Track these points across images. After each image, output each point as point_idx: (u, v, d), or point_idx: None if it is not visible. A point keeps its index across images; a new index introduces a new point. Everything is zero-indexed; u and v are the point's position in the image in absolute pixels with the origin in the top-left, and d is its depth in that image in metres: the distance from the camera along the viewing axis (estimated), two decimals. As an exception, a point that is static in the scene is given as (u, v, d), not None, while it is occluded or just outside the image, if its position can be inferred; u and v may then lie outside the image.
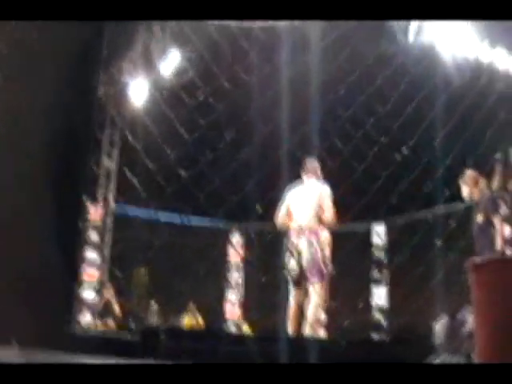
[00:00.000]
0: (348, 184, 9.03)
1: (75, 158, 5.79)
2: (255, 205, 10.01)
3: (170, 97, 11.14)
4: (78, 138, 5.78)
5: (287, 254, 7.15)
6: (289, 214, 7.28)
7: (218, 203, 9.31)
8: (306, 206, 7.13)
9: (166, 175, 9.45)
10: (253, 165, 9.57)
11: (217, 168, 9.41)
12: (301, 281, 7.05)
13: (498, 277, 3.87)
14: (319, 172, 7.49)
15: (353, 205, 9.51)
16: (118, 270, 12.85)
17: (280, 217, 7.31)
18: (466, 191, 7.32)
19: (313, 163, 7.54)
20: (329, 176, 7.70)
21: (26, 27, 5.00)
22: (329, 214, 7.03)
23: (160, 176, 9.40)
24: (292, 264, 7.06)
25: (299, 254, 7.02)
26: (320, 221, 7.07)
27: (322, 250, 7.03)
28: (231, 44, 9.63)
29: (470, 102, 9.23)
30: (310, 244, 6.98)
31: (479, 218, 7.02)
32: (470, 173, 7.38)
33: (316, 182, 7.36)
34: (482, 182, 7.23)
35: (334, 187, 7.46)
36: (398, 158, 9.59)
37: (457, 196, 8.28)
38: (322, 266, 6.97)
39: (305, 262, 6.96)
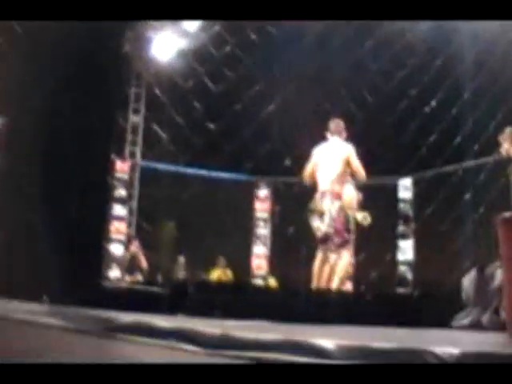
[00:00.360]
0: (376, 137, 8.97)
1: (102, 114, 5.81)
2: (282, 158, 9.97)
3: (196, 51, 11.09)
4: (104, 94, 5.79)
5: (311, 213, 7.16)
6: (314, 171, 7.29)
7: (245, 156, 9.32)
8: (332, 163, 7.16)
9: (193, 128, 9.44)
10: (279, 119, 9.53)
11: (244, 121, 9.39)
12: (325, 239, 7.08)
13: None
14: (344, 132, 7.46)
15: (381, 158, 9.46)
16: (145, 224, 12.97)
17: (306, 174, 7.36)
18: (504, 148, 7.32)
19: (338, 123, 7.51)
20: (357, 129, 7.67)
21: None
22: (359, 174, 7.07)
23: (187, 129, 9.40)
24: (316, 223, 7.08)
25: (322, 214, 7.03)
26: (348, 175, 7.10)
27: (344, 214, 7.05)
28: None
29: (500, 55, 9.07)
30: (333, 205, 7.00)
31: None
32: (509, 130, 7.34)
33: (340, 141, 7.35)
34: None
35: (362, 140, 7.44)
36: (426, 110, 9.47)
37: (486, 151, 8.19)
38: (344, 230, 7.01)
39: (328, 224, 6.98)
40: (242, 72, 9.37)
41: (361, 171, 7.07)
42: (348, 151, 7.18)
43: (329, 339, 2.84)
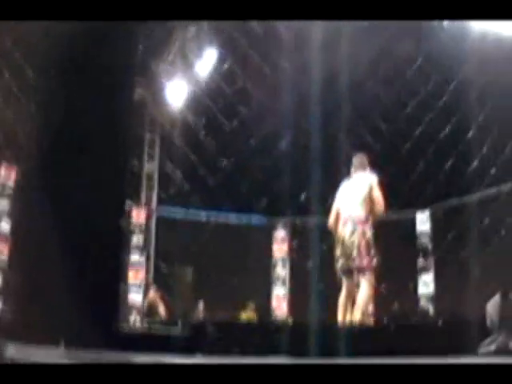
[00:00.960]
0: (391, 169, 8.92)
1: (117, 162, 5.82)
2: (297, 195, 9.92)
3: (207, 89, 11.22)
4: (118, 141, 5.80)
5: (335, 244, 7.04)
6: (338, 214, 7.10)
7: (259, 194, 9.30)
8: (354, 198, 6.97)
9: (207, 167, 9.46)
10: (292, 154, 9.53)
11: (258, 159, 9.39)
12: (350, 270, 6.94)
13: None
14: (367, 166, 7.26)
15: (397, 193, 9.41)
16: (163, 269, 12.94)
17: (331, 221, 7.14)
18: None
19: (361, 158, 7.32)
20: (373, 161, 7.62)
21: (66, 37, 5.04)
22: (379, 204, 6.86)
23: (202, 168, 9.42)
24: (339, 253, 6.95)
25: (344, 242, 6.90)
26: (370, 212, 6.91)
27: (367, 239, 6.91)
28: (266, 32, 9.62)
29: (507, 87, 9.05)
30: (355, 232, 6.84)
31: None
32: None
33: (364, 174, 7.16)
34: None
35: (379, 173, 7.38)
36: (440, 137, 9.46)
37: (501, 178, 8.11)
38: (368, 255, 6.85)
39: (352, 251, 6.85)
40: (254, 107, 9.43)
41: (380, 202, 6.87)
42: (371, 180, 7.00)
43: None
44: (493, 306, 5.17)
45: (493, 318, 5.10)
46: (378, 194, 6.87)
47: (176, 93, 13.35)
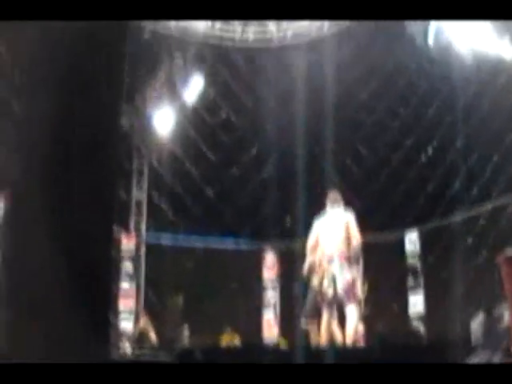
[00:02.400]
0: (375, 193, 9.04)
1: (105, 190, 5.85)
2: (284, 220, 10.01)
3: (193, 119, 11.32)
4: (105, 170, 5.84)
5: (319, 277, 7.27)
6: (316, 243, 7.51)
7: (245, 220, 9.38)
8: (335, 230, 7.44)
9: (193, 196, 9.55)
10: (275, 181, 9.63)
11: (241, 185, 9.49)
12: (334, 301, 7.21)
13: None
14: (341, 202, 7.74)
15: (382, 214, 9.51)
16: (152, 297, 12.94)
17: (310, 245, 7.54)
18: None
19: (336, 194, 7.80)
20: (354, 185, 7.80)
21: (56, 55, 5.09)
22: (357, 241, 7.35)
23: (187, 197, 9.52)
24: (325, 287, 7.17)
25: (333, 278, 7.14)
26: (348, 247, 7.34)
27: (353, 276, 7.19)
28: (248, 63, 9.75)
29: (490, 102, 9.19)
30: (342, 268, 7.20)
31: None
32: None
33: (340, 210, 7.66)
34: None
35: (361, 196, 7.57)
36: (422, 160, 9.58)
37: (484, 196, 8.20)
38: (354, 291, 7.11)
39: (339, 286, 7.08)
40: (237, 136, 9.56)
41: (358, 239, 7.38)
42: (348, 218, 7.50)
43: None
44: (477, 323, 5.24)
45: (477, 335, 5.17)
46: (355, 232, 7.38)
47: (162, 122, 13.45)
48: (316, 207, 7.76)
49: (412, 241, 13.13)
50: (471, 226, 10.12)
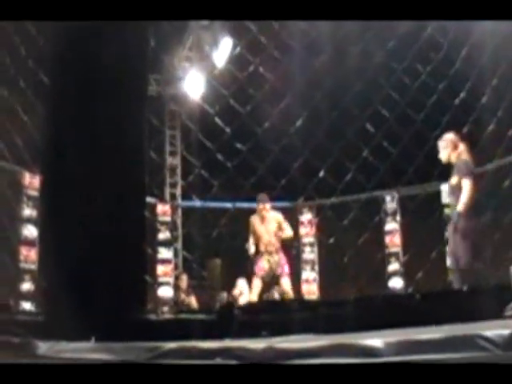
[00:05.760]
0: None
1: (139, 158, 5.85)
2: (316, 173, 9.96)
3: (221, 76, 11.32)
4: (138, 139, 5.84)
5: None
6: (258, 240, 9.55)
7: (277, 177, 9.39)
8: (270, 230, 9.50)
9: (225, 152, 9.61)
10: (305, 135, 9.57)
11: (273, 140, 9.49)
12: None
13: None
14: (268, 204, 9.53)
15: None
16: (191, 262, 13.01)
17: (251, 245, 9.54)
18: (444, 154, 7.51)
19: (264, 196, 9.48)
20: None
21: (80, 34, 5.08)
22: (286, 228, 9.63)
23: (220, 154, 9.60)
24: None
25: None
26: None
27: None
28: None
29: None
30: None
31: (453, 180, 7.33)
32: (448, 136, 7.56)
33: (271, 211, 9.61)
34: (461, 147, 7.44)
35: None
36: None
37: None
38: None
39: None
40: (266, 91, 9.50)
41: (290, 232, 9.75)
42: (279, 218, 9.59)
43: (376, 339, 2.78)
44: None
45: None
46: (286, 227, 9.64)
47: (192, 85, 13.43)
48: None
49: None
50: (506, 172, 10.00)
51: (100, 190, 5.29)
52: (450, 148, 7.45)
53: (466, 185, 7.15)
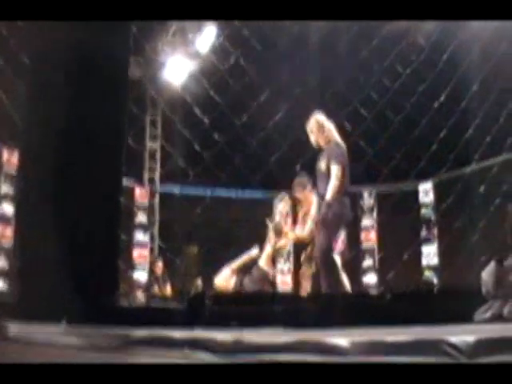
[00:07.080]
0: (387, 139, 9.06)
1: (117, 142, 5.85)
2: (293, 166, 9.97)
3: (202, 66, 11.26)
4: (117, 123, 5.83)
5: None
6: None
7: (255, 168, 9.37)
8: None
9: (203, 143, 9.56)
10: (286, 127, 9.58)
11: (251, 132, 9.47)
12: None
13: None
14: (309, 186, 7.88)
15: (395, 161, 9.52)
16: (166, 248, 13.01)
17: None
18: (312, 138, 6.94)
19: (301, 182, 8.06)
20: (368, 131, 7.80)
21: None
22: None
23: (197, 143, 9.54)
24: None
25: None
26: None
27: None
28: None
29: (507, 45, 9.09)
30: None
31: (321, 166, 6.71)
32: (315, 119, 6.96)
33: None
34: (329, 130, 6.88)
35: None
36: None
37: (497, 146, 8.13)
38: None
39: None
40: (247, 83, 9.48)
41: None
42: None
43: (343, 338, 2.82)
44: (487, 273, 5.21)
45: (488, 285, 5.15)
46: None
47: (175, 71, 13.35)
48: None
49: (426, 191, 13.12)
50: (485, 175, 10.07)
51: (76, 172, 5.30)
52: (315, 130, 6.87)
53: (335, 170, 6.49)
